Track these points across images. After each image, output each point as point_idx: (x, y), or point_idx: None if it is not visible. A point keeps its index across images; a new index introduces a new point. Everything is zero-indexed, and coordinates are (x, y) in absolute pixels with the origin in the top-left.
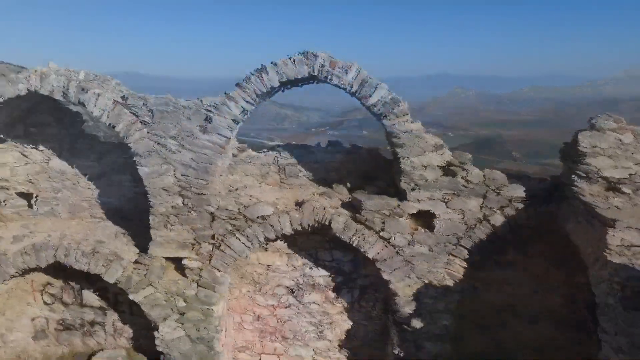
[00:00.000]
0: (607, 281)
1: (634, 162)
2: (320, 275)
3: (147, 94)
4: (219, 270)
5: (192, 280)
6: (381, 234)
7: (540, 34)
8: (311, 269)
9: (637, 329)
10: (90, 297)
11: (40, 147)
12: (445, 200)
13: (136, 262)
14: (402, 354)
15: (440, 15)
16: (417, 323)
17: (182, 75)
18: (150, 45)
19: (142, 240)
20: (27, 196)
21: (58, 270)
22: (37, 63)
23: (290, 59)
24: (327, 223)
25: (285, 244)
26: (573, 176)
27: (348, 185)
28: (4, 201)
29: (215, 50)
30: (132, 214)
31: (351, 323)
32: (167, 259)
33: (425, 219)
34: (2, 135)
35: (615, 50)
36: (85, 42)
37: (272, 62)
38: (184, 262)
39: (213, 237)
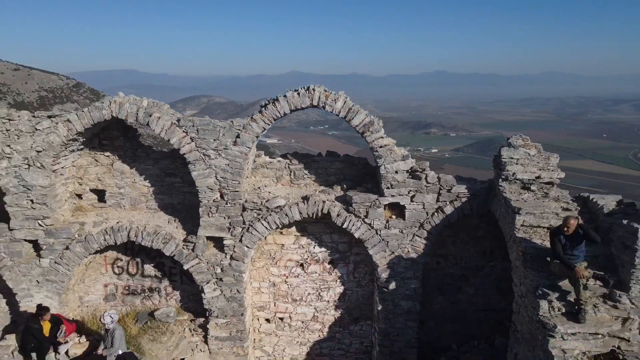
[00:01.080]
0: (515, 250)
1: (538, 169)
2: (321, 251)
3: (147, 89)
4: (247, 247)
5: (227, 254)
6: (365, 220)
7: (541, 32)
8: (314, 247)
9: (530, 280)
10: (150, 269)
11: (107, 153)
12: (411, 196)
13: (185, 240)
14: (382, 310)
15: (439, 13)
16: (392, 285)
17: (180, 72)
18: (147, 43)
19: (188, 226)
20: (98, 192)
21: (126, 248)
22: (37, 61)
23: (296, 92)
24: (325, 212)
25: (295, 229)
26: (499, 179)
27: (344, 186)
28: (80, 195)
29: (212, 48)
30: (180, 207)
31: (344, 288)
32: (208, 238)
33: (397, 209)
34: (82, 147)
35: (617, 48)
36: (83, 39)
37: (283, 95)
38: (225, 241)
39: (244, 222)
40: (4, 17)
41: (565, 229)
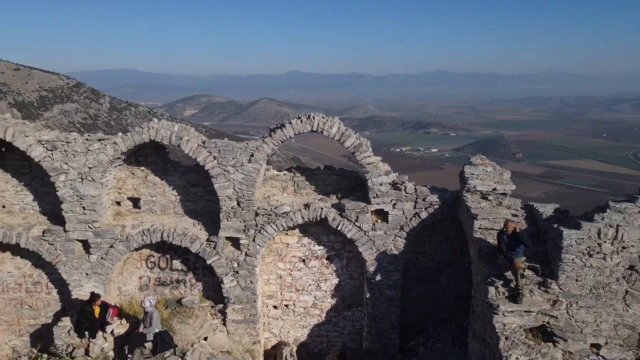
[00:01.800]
0: (473, 248)
1: (494, 182)
2: (320, 249)
3: (147, 89)
4: (260, 246)
5: (242, 251)
6: (355, 223)
7: (541, 31)
8: (314, 246)
9: (483, 271)
10: (177, 264)
11: (142, 168)
12: (393, 203)
13: (208, 240)
14: (370, 297)
15: (439, 12)
16: (378, 277)
17: (180, 72)
18: (147, 43)
19: (209, 228)
20: (134, 200)
21: (157, 246)
22: (37, 61)
23: (299, 119)
24: (323, 217)
25: (298, 230)
26: (463, 190)
27: (339, 195)
28: (119, 203)
29: (212, 48)
30: (202, 212)
31: (339, 280)
32: (227, 238)
33: (381, 214)
34: (122, 162)
35: (617, 48)
36: (83, 39)
37: (288, 121)
38: (241, 240)
39: (256, 225)
40: (4, 17)
41: (505, 229)
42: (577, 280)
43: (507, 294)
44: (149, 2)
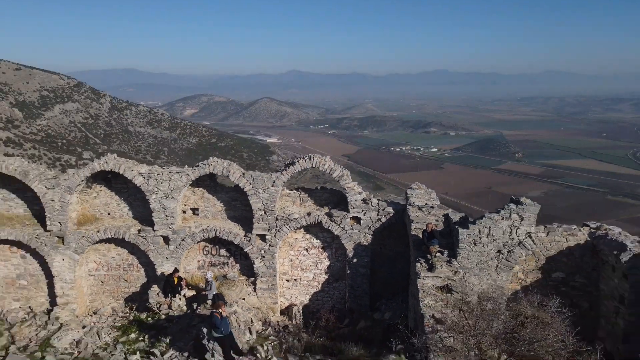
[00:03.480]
0: (410, 241)
1: (425, 199)
2: (317, 242)
3: (148, 88)
4: (278, 240)
5: (267, 243)
6: (340, 225)
7: (541, 31)
8: (313, 240)
9: (414, 255)
10: (223, 252)
11: (200, 188)
12: (363, 212)
13: (244, 236)
14: (349, 274)
15: (439, 11)
16: (354, 260)
17: (180, 71)
18: (148, 42)
19: (245, 228)
20: (194, 209)
21: (211, 240)
22: (38, 60)
23: (304, 159)
24: (319, 221)
25: (303, 229)
26: (407, 205)
27: (329, 207)
28: (184, 211)
29: (212, 47)
30: (240, 218)
31: (329, 262)
32: (257, 235)
33: (356, 219)
34: (188, 185)
35: (617, 47)
36: (83, 38)
37: (297, 160)
38: (266, 236)
39: (276, 227)
40: (6, 17)
41: (427, 229)
42: (468, 259)
43: (427, 267)
44: (149, 1)
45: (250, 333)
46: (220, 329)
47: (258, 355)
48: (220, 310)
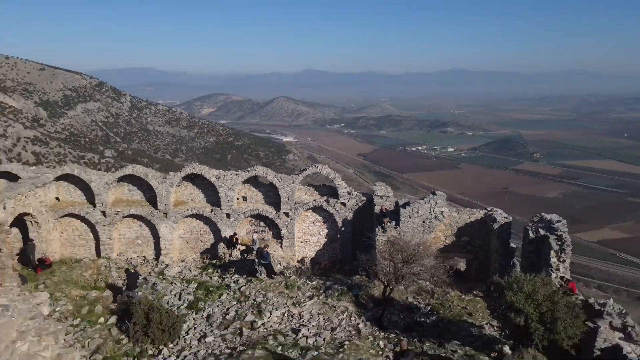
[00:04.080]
0: (374, 217)
1: (385, 192)
2: (320, 217)
3: (165, 87)
4: (296, 216)
5: (289, 218)
6: (334, 207)
7: (562, 29)
8: (318, 216)
9: (376, 225)
10: (262, 223)
11: (247, 185)
12: (348, 199)
13: (275, 213)
14: (340, 238)
15: (457, 9)
16: (342, 229)
17: (196, 71)
18: (166, 42)
19: (275, 209)
20: (244, 197)
21: (254, 216)
22: (60, 60)
23: (312, 166)
24: (321, 205)
25: (311, 210)
26: (374, 195)
27: (327, 197)
28: (237, 198)
29: (228, 46)
30: (272, 201)
31: (327, 231)
32: (284, 213)
33: (344, 204)
34: (240, 182)
35: (637, 44)
36: (106, 39)
37: (307, 168)
38: (289, 214)
39: (295, 208)
40: (32, 19)
41: (381, 209)
42: (406, 226)
43: (382, 231)
44: (168, 3)
45: (280, 265)
46: (267, 258)
47: (285, 274)
48: (266, 248)
